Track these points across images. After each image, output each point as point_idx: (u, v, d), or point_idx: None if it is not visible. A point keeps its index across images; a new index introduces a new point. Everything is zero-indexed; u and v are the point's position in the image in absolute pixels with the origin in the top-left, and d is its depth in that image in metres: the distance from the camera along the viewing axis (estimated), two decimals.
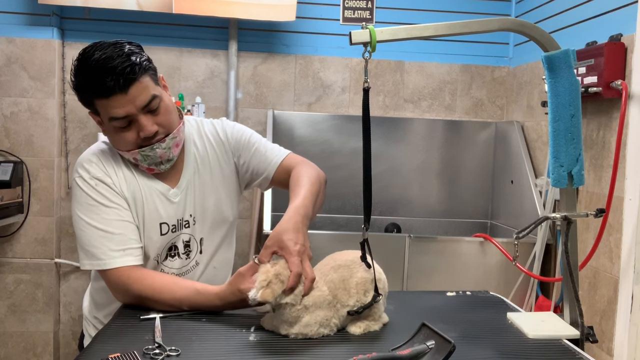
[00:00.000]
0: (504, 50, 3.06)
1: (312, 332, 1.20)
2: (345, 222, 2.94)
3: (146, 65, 1.41)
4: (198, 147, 1.59)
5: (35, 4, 2.67)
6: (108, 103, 1.37)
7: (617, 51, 1.98)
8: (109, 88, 1.35)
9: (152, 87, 1.41)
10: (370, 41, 1.19)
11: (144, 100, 1.39)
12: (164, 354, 1.10)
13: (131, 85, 1.36)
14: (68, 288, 2.92)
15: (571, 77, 1.27)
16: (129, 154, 1.47)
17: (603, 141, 2.11)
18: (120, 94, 1.36)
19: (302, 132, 2.92)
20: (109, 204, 1.45)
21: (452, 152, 3.03)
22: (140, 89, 1.38)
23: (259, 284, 1.17)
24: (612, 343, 1.99)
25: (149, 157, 1.46)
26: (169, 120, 1.46)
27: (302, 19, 2.92)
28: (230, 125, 1.65)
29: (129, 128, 1.41)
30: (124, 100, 1.37)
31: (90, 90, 1.38)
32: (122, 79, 1.35)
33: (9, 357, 2.86)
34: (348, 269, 1.25)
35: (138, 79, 1.37)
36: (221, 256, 1.65)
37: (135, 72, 1.37)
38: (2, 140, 2.79)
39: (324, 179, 1.56)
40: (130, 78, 1.36)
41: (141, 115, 1.40)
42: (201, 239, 1.59)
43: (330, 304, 1.22)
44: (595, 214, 1.33)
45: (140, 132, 1.41)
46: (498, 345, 1.21)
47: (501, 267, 2.39)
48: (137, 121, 1.40)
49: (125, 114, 1.38)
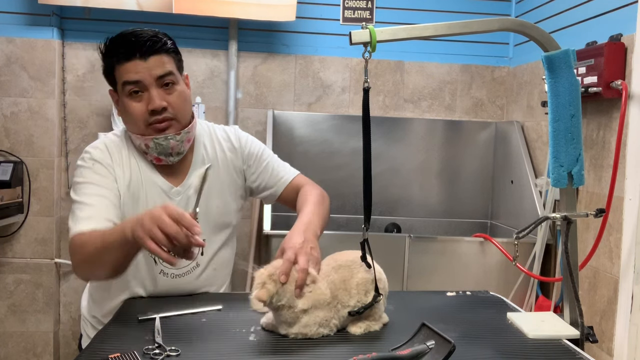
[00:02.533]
0: (504, 50, 3.06)
1: (311, 332, 1.20)
2: (345, 222, 2.94)
3: (171, 48, 1.50)
4: (208, 150, 1.61)
5: (35, 4, 2.67)
6: (126, 67, 1.44)
7: (617, 51, 1.98)
8: (129, 52, 1.43)
9: (171, 66, 1.48)
10: (370, 41, 1.19)
11: (160, 71, 1.45)
12: (164, 354, 1.10)
13: (151, 56, 1.44)
14: (68, 288, 2.92)
15: (571, 77, 1.27)
16: (142, 139, 1.48)
17: (603, 141, 2.11)
18: (139, 59, 1.43)
19: (302, 132, 2.92)
20: (97, 182, 1.47)
21: (452, 152, 3.03)
22: (159, 61, 1.45)
23: (254, 287, 1.18)
24: (612, 343, 1.99)
25: (161, 146, 1.48)
26: (180, 105, 1.49)
27: (302, 19, 2.91)
28: (244, 135, 1.69)
29: (140, 98, 1.46)
30: (140, 67, 1.43)
31: (113, 54, 1.45)
32: (144, 47, 1.43)
33: (9, 357, 2.86)
34: (348, 269, 1.26)
35: (160, 52, 1.45)
36: (221, 258, 1.64)
37: (159, 46, 1.45)
38: (2, 140, 2.79)
39: (329, 202, 1.62)
40: (153, 48, 1.44)
41: (153, 88, 1.45)
42: (203, 241, 1.58)
43: (330, 304, 1.22)
44: (595, 214, 1.33)
45: (149, 105, 1.45)
46: (498, 345, 1.21)
47: (501, 267, 2.39)
48: (148, 92, 1.45)
49: (139, 79, 1.44)
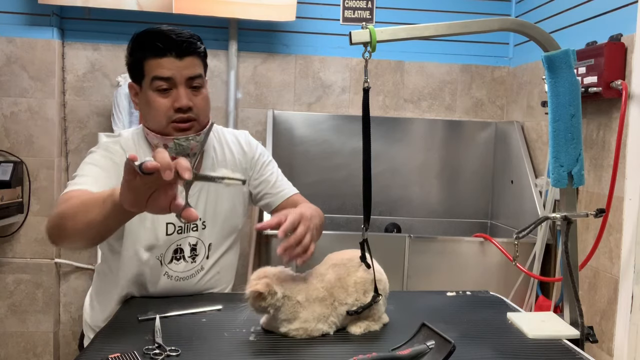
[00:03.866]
0: (504, 50, 3.06)
1: (311, 327, 1.20)
2: (345, 222, 2.94)
3: (204, 52, 1.51)
4: (217, 153, 1.61)
5: (35, 4, 2.67)
6: (159, 62, 1.44)
7: (617, 51, 1.98)
8: (167, 48, 1.43)
9: (200, 70, 1.50)
10: (370, 41, 1.19)
11: (192, 72, 1.46)
12: (164, 354, 1.10)
13: (187, 56, 1.45)
14: (68, 288, 2.92)
15: (571, 77, 1.27)
16: (161, 139, 1.47)
17: (603, 141, 2.11)
18: (174, 57, 1.43)
19: (302, 132, 2.92)
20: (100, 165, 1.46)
21: (452, 152, 3.03)
22: (193, 63, 1.46)
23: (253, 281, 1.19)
24: (612, 343, 1.99)
25: (182, 146, 1.48)
26: (203, 107, 1.51)
27: (302, 19, 2.91)
28: (255, 141, 1.72)
29: (167, 94, 1.46)
30: (174, 65, 1.44)
31: (148, 48, 1.44)
32: (182, 46, 1.44)
33: (9, 357, 2.86)
34: (345, 267, 1.26)
35: (195, 55, 1.47)
36: (226, 261, 1.64)
37: (196, 47, 1.47)
38: (2, 140, 2.79)
39: (324, 221, 1.62)
40: (190, 49, 1.45)
41: (182, 86, 1.45)
42: (210, 244, 1.59)
43: (327, 300, 1.22)
44: (595, 214, 1.33)
45: (176, 102, 1.45)
46: (498, 345, 1.21)
47: (501, 267, 2.39)
48: (176, 90, 1.45)
49: (171, 75, 1.44)
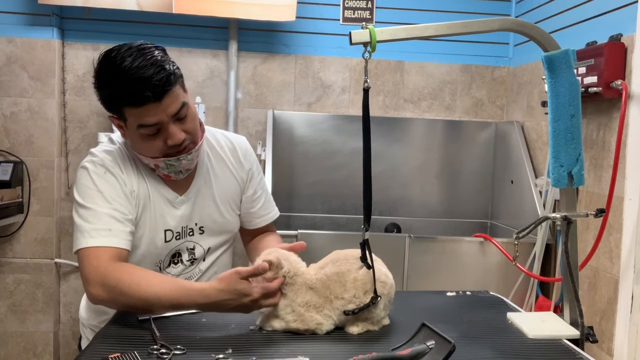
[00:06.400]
0: (504, 50, 3.06)
1: (308, 315, 1.21)
2: (345, 222, 2.94)
3: (177, 72, 1.41)
4: (211, 159, 1.59)
5: (35, 4, 2.67)
6: (140, 111, 1.35)
7: (617, 51, 1.98)
8: (144, 98, 1.33)
9: (182, 95, 1.41)
10: (370, 41, 1.19)
11: (175, 108, 1.38)
12: (170, 353, 1.10)
13: (165, 95, 1.35)
14: (68, 288, 2.92)
15: (571, 77, 1.27)
16: (152, 161, 1.44)
17: (603, 141, 2.11)
18: (154, 103, 1.34)
19: (302, 132, 2.92)
20: (108, 197, 1.40)
21: (452, 152, 3.03)
22: (172, 97, 1.37)
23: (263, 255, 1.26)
24: (612, 343, 1.99)
25: (173, 166, 1.45)
26: (195, 127, 1.46)
27: (302, 19, 2.91)
28: (251, 151, 1.68)
29: (157, 136, 1.40)
30: (156, 109, 1.35)
31: (123, 98, 1.36)
32: (158, 89, 1.33)
33: (9, 357, 2.86)
34: (347, 263, 1.26)
35: (172, 88, 1.37)
36: (222, 262, 1.66)
37: (170, 82, 1.36)
38: (2, 140, 2.79)
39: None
40: (165, 87, 1.35)
41: (170, 124, 1.39)
42: (209, 249, 1.59)
43: (319, 292, 1.23)
44: (595, 214, 1.33)
45: (169, 140, 1.39)
46: (498, 345, 1.21)
47: (501, 267, 2.39)
48: (165, 129, 1.39)
49: (157, 121, 1.37)
